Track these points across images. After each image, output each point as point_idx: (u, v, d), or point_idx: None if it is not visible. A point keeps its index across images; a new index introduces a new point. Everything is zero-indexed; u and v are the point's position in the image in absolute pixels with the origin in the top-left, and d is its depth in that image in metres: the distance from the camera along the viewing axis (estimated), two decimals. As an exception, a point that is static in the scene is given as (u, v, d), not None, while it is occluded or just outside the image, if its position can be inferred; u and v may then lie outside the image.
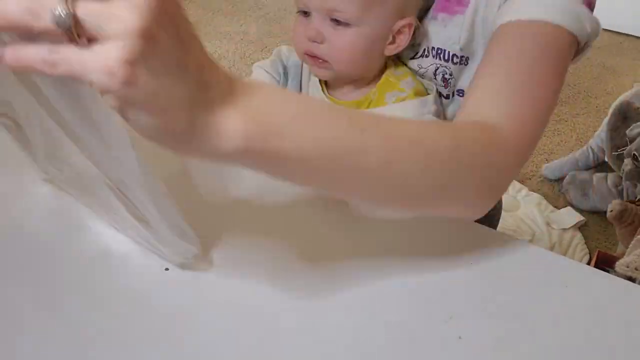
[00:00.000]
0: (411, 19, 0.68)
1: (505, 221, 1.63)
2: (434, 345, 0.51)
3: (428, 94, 0.73)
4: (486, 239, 0.63)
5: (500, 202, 1.03)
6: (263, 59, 0.82)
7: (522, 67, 0.53)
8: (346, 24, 0.67)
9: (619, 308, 0.56)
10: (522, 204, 1.72)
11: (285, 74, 0.79)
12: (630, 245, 1.15)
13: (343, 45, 0.68)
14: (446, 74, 0.71)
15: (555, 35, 0.55)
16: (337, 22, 0.67)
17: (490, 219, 0.94)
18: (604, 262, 1.31)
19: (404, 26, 0.68)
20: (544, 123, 0.53)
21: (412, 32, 0.70)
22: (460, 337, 0.51)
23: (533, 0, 0.56)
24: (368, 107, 0.74)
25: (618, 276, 0.85)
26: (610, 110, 1.71)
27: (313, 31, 0.68)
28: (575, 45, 0.57)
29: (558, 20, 0.55)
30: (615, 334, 0.54)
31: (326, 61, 0.70)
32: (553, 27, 0.54)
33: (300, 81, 0.78)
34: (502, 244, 0.62)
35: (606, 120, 1.73)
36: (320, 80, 0.77)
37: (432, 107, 0.72)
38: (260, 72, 0.80)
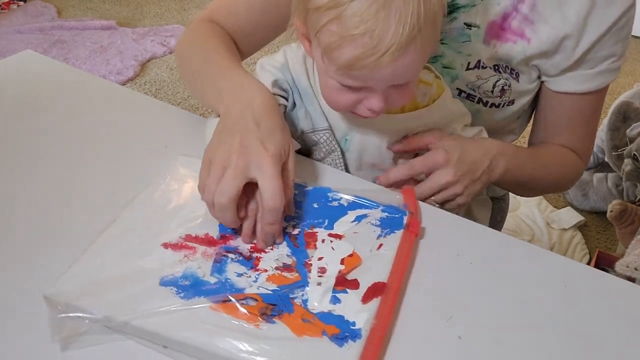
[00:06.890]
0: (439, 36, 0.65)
1: (506, 221, 1.63)
2: (434, 345, 0.51)
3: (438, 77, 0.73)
4: (486, 239, 0.63)
5: (507, 204, 1.05)
6: (262, 57, 0.78)
7: (589, 121, 0.83)
8: (405, 83, 0.63)
9: (618, 308, 0.56)
10: (522, 204, 1.72)
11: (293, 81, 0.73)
12: (630, 245, 1.15)
13: (403, 98, 0.66)
14: (506, 85, 0.78)
15: (604, 93, 0.80)
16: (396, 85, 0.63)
17: (495, 223, 0.99)
18: (604, 262, 1.31)
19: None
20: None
21: None
22: (460, 337, 0.51)
23: (592, 76, 0.75)
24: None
25: (618, 276, 0.85)
26: (610, 110, 1.71)
27: (378, 107, 0.63)
28: None
29: (607, 82, 0.77)
30: (615, 334, 0.54)
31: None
32: (605, 88, 0.78)
33: (310, 83, 0.75)
34: (502, 244, 0.62)
35: (606, 120, 1.73)
36: None
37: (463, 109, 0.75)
38: (266, 75, 0.73)
